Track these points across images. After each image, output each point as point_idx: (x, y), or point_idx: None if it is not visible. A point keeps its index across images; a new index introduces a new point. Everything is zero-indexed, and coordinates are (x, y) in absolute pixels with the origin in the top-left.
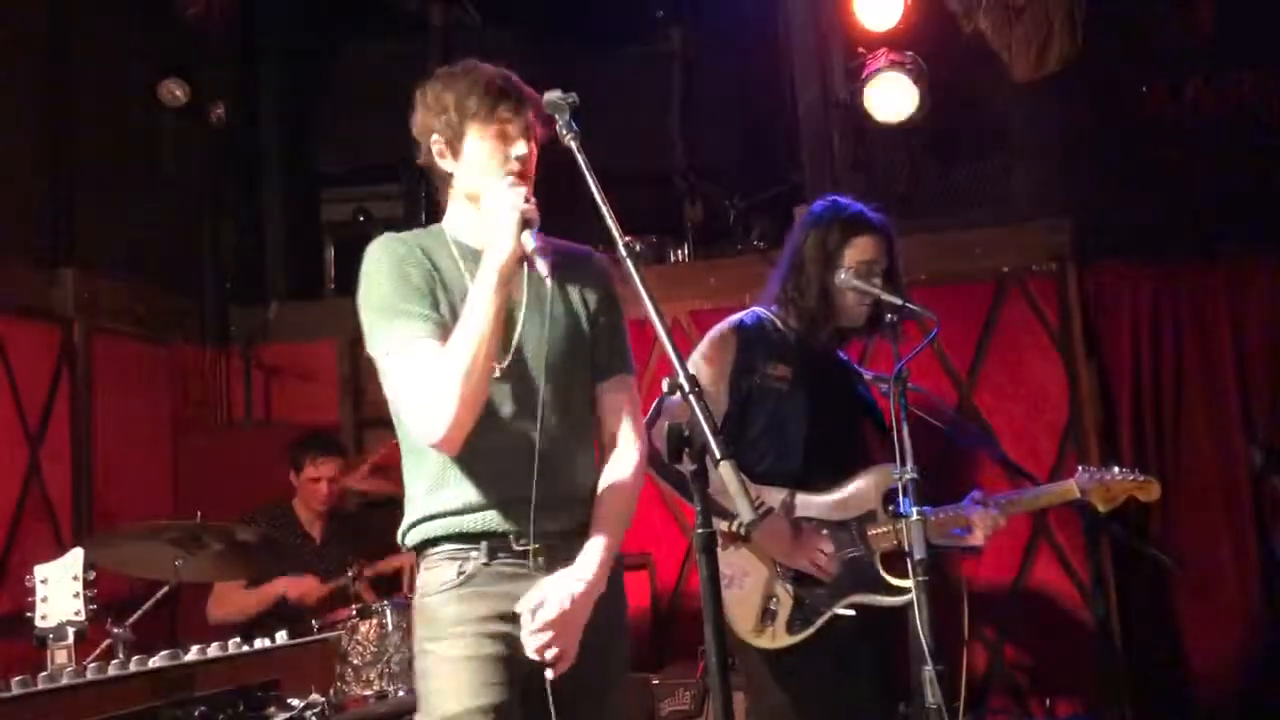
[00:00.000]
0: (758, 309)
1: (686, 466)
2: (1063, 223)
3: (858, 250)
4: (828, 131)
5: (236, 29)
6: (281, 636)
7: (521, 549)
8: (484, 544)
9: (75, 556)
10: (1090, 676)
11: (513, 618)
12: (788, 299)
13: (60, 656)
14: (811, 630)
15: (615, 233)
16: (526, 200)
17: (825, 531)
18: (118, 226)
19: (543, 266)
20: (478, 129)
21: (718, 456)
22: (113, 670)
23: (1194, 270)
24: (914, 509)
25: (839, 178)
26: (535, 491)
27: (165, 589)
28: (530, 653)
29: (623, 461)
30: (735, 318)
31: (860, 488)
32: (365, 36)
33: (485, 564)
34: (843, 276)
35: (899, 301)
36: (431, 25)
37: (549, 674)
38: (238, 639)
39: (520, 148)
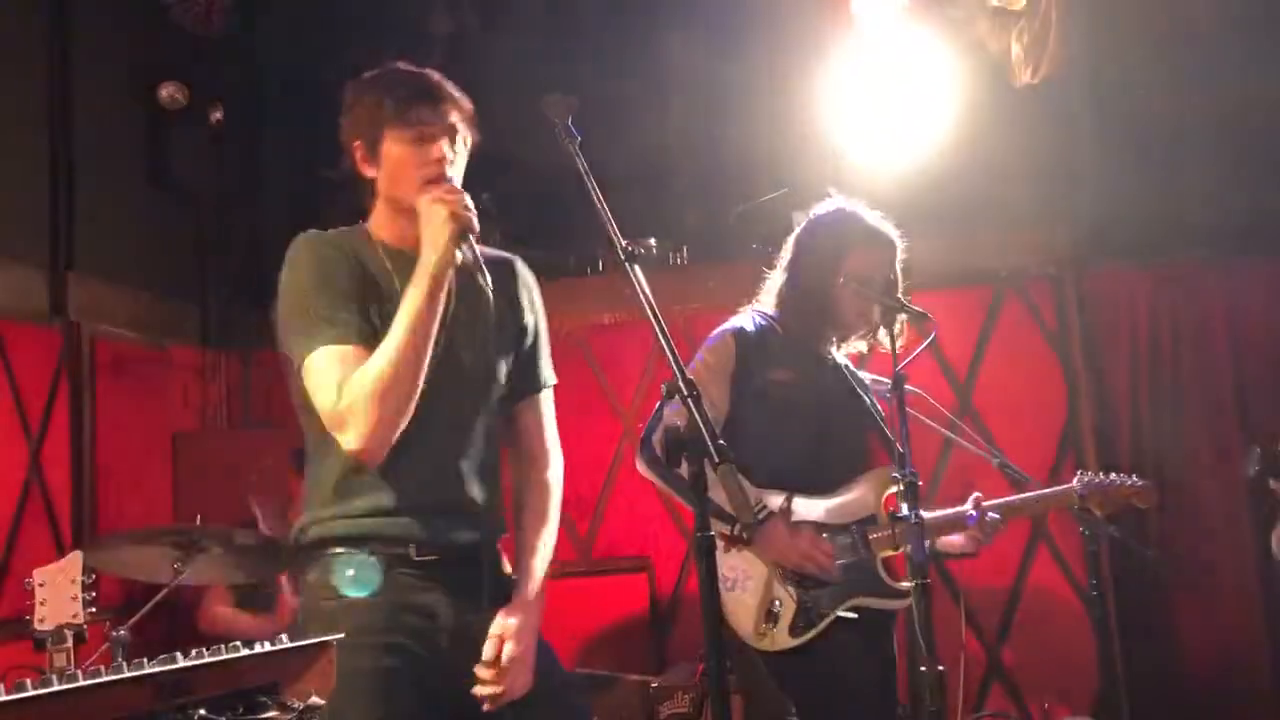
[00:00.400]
0: (757, 313)
1: (685, 471)
2: (1060, 226)
3: (860, 261)
4: (823, 134)
5: (236, 32)
6: (282, 640)
7: (422, 559)
8: (388, 552)
9: (74, 560)
10: (1088, 679)
11: (413, 630)
12: (788, 303)
13: (59, 659)
14: (814, 633)
15: (615, 236)
16: (465, 208)
17: (825, 535)
18: (118, 230)
19: (483, 278)
20: (394, 133)
21: (716, 461)
22: (111, 673)
23: (1191, 273)
24: (913, 512)
25: (835, 181)
26: (443, 502)
27: (164, 591)
28: (486, 701)
29: (551, 476)
30: (735, 321)
31: (860, 491)
32: (366, 39)
33: (386, 572)
34: (842, 281)
35: (898, 305)
36: (433, 30)
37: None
38: (237, 642)
39: (438, 150)
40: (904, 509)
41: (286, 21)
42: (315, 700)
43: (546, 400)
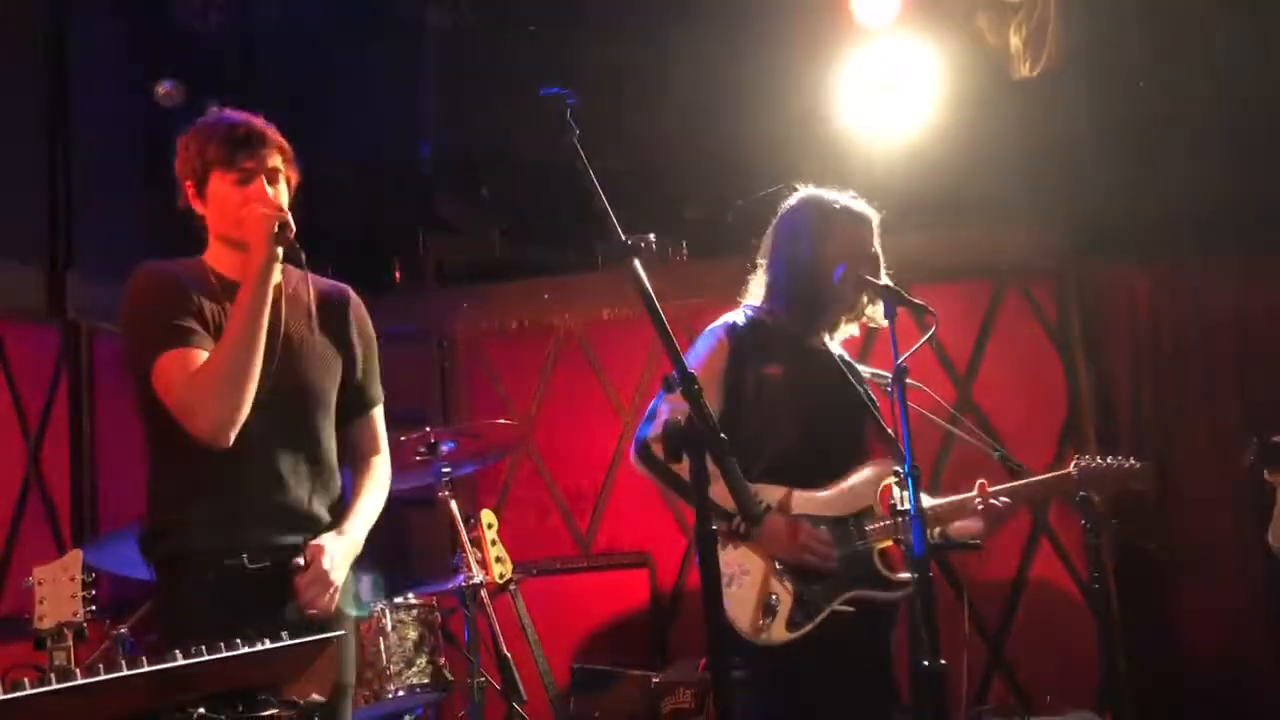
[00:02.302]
0: (749, 307)
1: (686, 465)
2: (1061, 220)
3: (842, 240)
4: (824, 129)
5: (234, 29)
6: (282, 637)
7: (256, 567)
8: (218, 559)
9: (74, 558)
10: (1090, 671)
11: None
12: (777, 296)
13: (59, 658)
14: (811, 627)
15: (616, 231)
16: (280, 209)
17: (822, 527)
18: (116, 228)
19: (301, 264)
20: (219, 174)
21: (717, 455)
22: (111, 672)
23: (1193, 269)
24: (913, 504)
25: (835, 175)
26: (271, 509)
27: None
28: (301, 603)
29: (381, 470)
30: (727, 317)
31: (857, 483)
32: (363, 37)
33: (228, 579)
34: (840, 272)
35: (899, 298)
36: (430, 26)
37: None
38: (237, 640)
39: (257, 190)
40: (904, 502)
41: (284, 18)
42: (315, 698)
43: (377, 416)
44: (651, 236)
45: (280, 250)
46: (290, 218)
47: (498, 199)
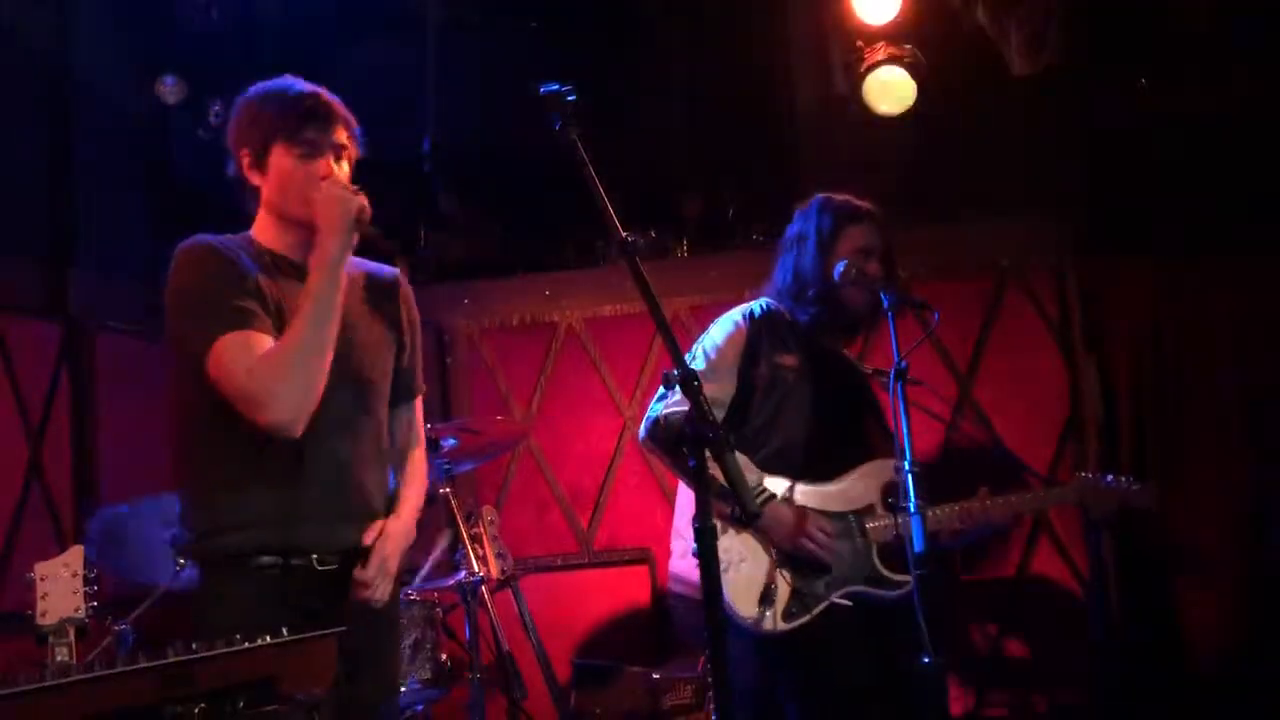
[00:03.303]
0: (767, 299)
1: (686, 459)
2: (1063, 217)
3: (851, 238)
4: (826, 125)
5: (236, 26)
6: (283, 632)
7: (324, 568)
8: (285, 559)
9: (76, 554)
10: (1091, 669)
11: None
12: (790, 296)
13: (61, 654)
14: (807, 618)
15: (615, 227)
16: (358, 193)
17: (825, 521)
18: (119, 225)
19: (391, 246)
20: (282, 146)
21: (718, 449)
22: (113, 667)
23: (1195, 265)
24: (914, 503)
25: (837, 172)
26: (338, 504)
27: (166, 585)
28: (363, 595)
29: (423, 470)
30: (746, 306)
31: (860, 481)
32: (363, 33)
33: (289, 579)
34: (841, 269)
35: (900, 296)
36: (430, 22)
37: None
38: (238, 635)
39: (324, 167)
40: (906, 499)
41: (286, 15)
42: (315, 692)
43: (418, 406)
44: (652, 232)
45: (356, 236)
46: (365, 200)
47: (499, 194)
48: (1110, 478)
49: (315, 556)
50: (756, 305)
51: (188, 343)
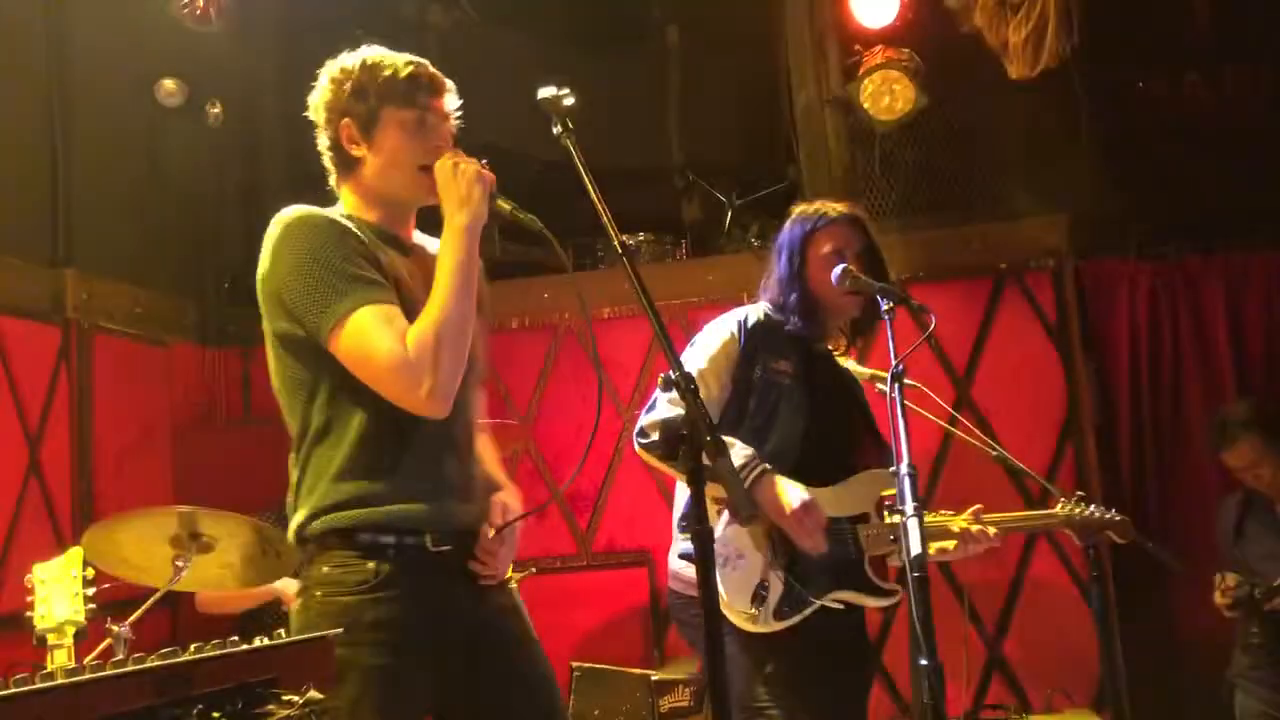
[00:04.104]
0: (759, 306)
1: (682, 462)
2: (1060, 219)
3: (818, 243)
4: (824, 129)
5: (235, 28)
6: (280, 634)
7: (439, 549)
8: (406, 539)
9: (74, 556)
10: (1089, 670)
11: (431, 626)
12: (778, 299)
13: (59, 655)
14: (798, 618)
15: (611, 230)
16: (485, 165)
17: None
18: (117, 226)
19: (525, 219)
20: (395, 113)
21: (714, 451)
22: (111, 669)
23: (1191, 266)
24: (911, 504)
25: (835, 175)
26: (453, 484)
27: (165, 588)
28: (486, 569)
29: (493, 453)
30: (740, 311)
31: (856, 488)
32: (364, 36)
33: (405, 562)
34: (838, 274)
35: (897, 291)
36: (430, 25)
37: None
38: (235, 637)
39: (441, 135)
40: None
41: (285, 18)
42: (314, 695)
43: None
44: (650, 235)
45: (487, 213)
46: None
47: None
48: (1091, 508)
49: (429, 537)
50: (750, 311)
51: (311, 319)
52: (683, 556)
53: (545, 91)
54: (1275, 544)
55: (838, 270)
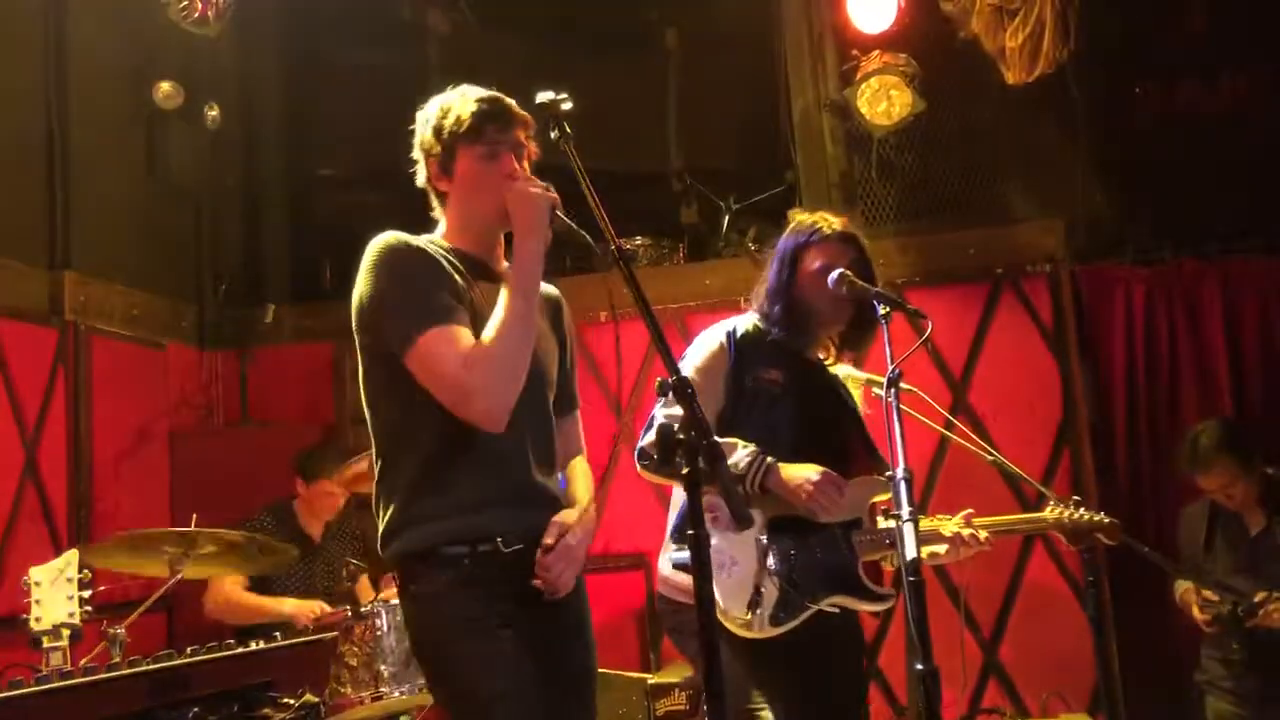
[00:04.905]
0: (749, 316)
1: (679, 468)
2: (1056, 224)
3: (812, 257)
4: (821, 133)
5: (232, 31)
6: (276, 638)
7: (512, 551)
8: (486, 544)
9: (70, 558)
10: (1084, 674)
11: (511, 623)
12: (768, 308)
13: (55, 658)
14: (795, 623)
15: (609, 234)
16: (548, 190)
17: (811, 535)
18: (115, 229)
19: (585, 235)
20: (465, 148)
21: (711, 456)
22: (107, 671)
23: (1187, 270)
24: (906, 508)
25: (832, 179)
26: (524, 495)
27: (161, 590)
28: (539, 578)
29: (589, 474)
30: (729, 322)
31: (850, 494)
32: (363, 38)
33: (485, 565)
34: (834, 279)
35: (894, 297)
36: (429, 28)
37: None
38: (231, 640)
39: (508, 165)
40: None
41: (283, 20)
42: (310, 698)
43: (579, 418)
44: (648, 239)
45: (552, 232)
46: (558, 197)
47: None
48: (1081, 510)
49: (500, 540)
50: (740, 322)
51: (392, 336)
52: (676, 566)
53: (543, 95)
54: (1244, 558)
55: (835, 274)
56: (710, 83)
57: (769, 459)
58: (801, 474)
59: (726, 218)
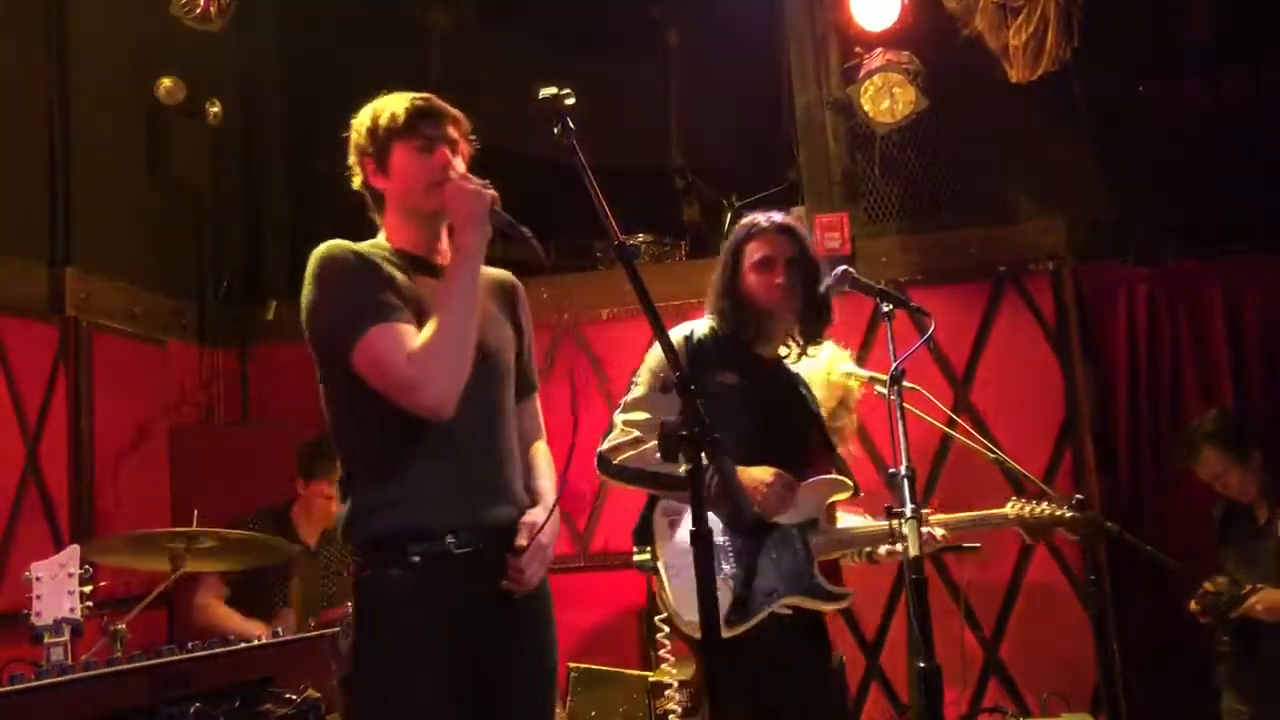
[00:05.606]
0: (701, 320)
1: (682, 464)
2: (1059, 222)
3: (752, 251)
4: (824, 131)
5: (235, 27)
6: (279, 633)
7: (466, 549)
8: (438, 541)
9: (71, 553)
10: (1086, 673)
11: (462, 626)
12: (717, 310)
13: (56, 653)
14: (746, 626)
15: (612, 230)
16: (486, 186)
17: (768, 536)
18: (117, 225)
19: (522, 233)
20: (401, 143)
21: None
22: (108, 666)
23: (1190, 269)
24: (912, 505)
25: (835, 177)
26: (483, 486)
27: (162, 586)
28: (511, 579)
29: (549, 461)
30: (686, 326)
31: (806, 495)
32: (365, 35)
33: (438, 562)
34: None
35: (897, 295)
36: (431, 25)
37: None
38: (232, 635)
39: (441, 157)
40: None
41: (285, 17)
42: (311, 693)
43: (537, 401)
44: (650, 236)
45: (491, 227)
46: (495, 192)
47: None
48: (1044, 505)
49: (452, 537)
50: (696, 326)
51: (335, 339)
52: (638, 566)
53: (546, 92)
54: (1251, 550)
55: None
56: (713, 80)
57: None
58: (755, 477)
59: (728, 215)
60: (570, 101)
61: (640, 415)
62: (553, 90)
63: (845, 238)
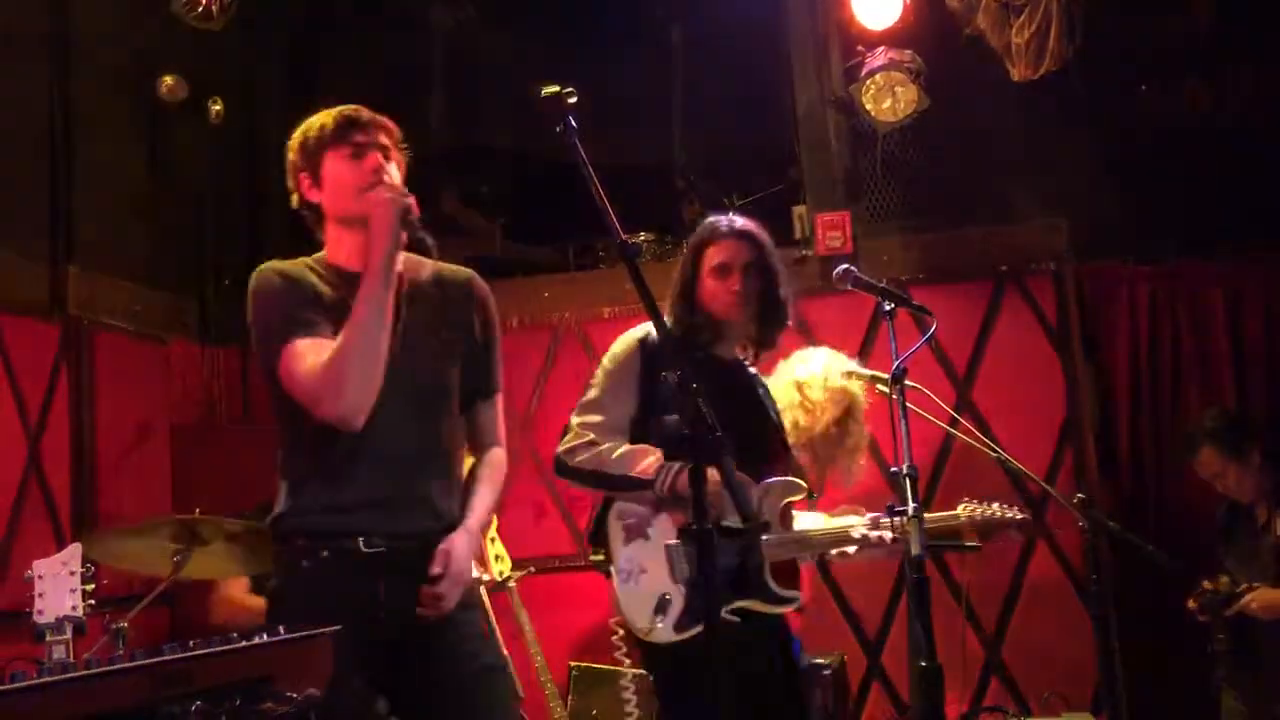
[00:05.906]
0: (659, 321)
1: (684, 461)
2: (1060, 222)
3: (711, 256)
4: (826, 130)
5: (236, 26)
6: (280, 631)
7: (370, 551)
8: (338, 546)
9: (74, 552)
10: (1087, 673)
11: (354, 621)
12: (675, 312)
13: (58, 651)
14: (696, 630)
15: (615, 229)
16: (404, 194)
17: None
18: (118, 224)
19: (428, 238)
20: (332, 152)
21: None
22: (110, 664)
23: (1191, 269)
24: (914, 505)
25: (836, 176)
26: (393, 495)
27: (164, 584)
28: (426, 608)
29: (498, 470)
30: (644, 326)
31: (760, 498)
32: (366, 36)
33: (335, 564)
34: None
35: (899, 294)
36: (433, 25)
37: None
38: (234, 633)
39: (372, 162)
40: (904, 503)
41: (286, 15)
42: (312, 692)
43: (497, 404)
44: (652, 235)
45: (405, 235)
46: (414, 201)
47: (499, 196)
48: (994, 506)
49: (362, 538)
50: (649, 327)
51: (263, 353)
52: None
53: (548, 90)
54: (1250, 549)
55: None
56: (714, 79)
57: (678, 463)
58: (713, 476)
59: (729, 214)
60: (572, 100)
61: (595, 417)
62: (555, 89)
63: (847, 237)
